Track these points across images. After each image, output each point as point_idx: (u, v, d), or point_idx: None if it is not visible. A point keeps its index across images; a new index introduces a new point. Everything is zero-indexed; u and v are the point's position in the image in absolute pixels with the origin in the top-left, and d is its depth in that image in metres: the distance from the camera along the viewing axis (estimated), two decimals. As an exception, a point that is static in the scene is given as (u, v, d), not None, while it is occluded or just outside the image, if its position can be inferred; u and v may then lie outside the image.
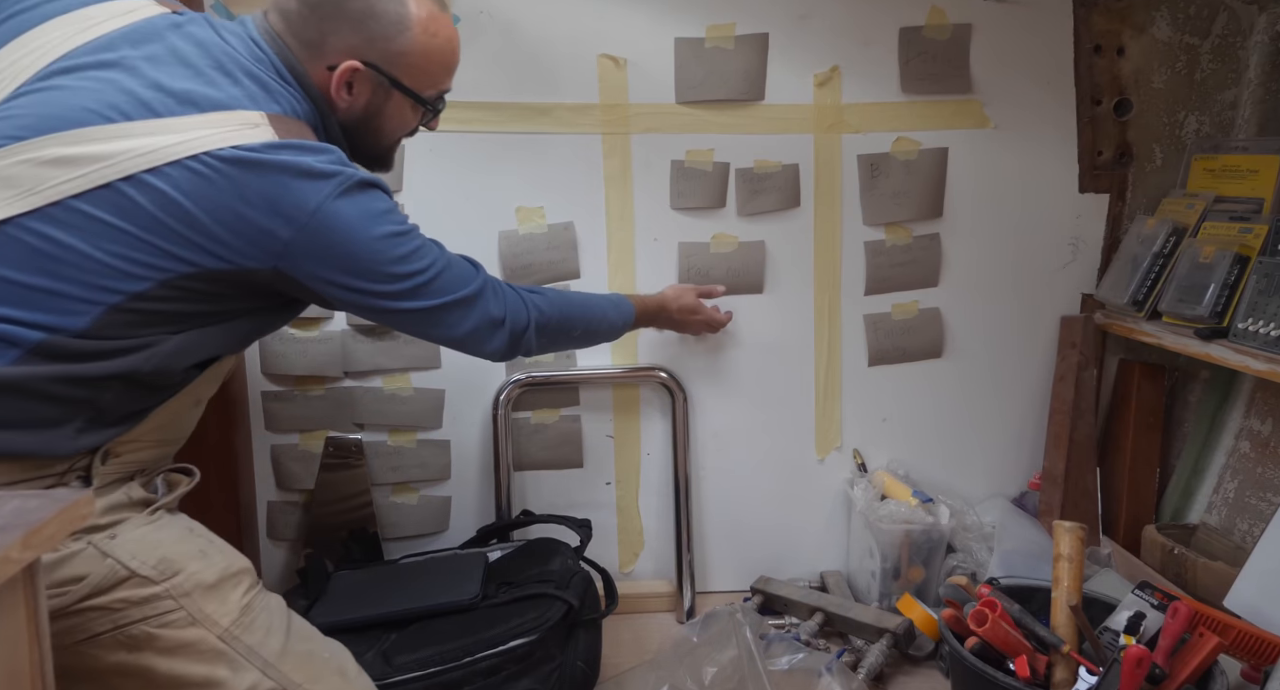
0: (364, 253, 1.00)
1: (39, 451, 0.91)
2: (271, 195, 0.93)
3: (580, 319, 1.33)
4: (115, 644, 0.94)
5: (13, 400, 0.88)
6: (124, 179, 0.90)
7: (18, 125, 0.91)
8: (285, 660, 1.02)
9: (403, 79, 1.09)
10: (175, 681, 0.96)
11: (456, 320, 1.12)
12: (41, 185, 0.89)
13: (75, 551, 0.92)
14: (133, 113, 0.92)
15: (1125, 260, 1.83)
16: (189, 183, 0.91)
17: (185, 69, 0.96)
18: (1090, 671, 1.31)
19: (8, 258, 0.89)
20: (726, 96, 1.76)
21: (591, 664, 1.49)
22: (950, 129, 1.81)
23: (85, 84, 0.93)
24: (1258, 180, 1.71)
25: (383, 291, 1.03)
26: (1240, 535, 1.75)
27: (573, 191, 1.77)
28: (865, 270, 1.85)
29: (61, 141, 0.90)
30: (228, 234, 0.93)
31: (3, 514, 0.70)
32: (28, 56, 0.96)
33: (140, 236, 0.91)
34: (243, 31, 1.04)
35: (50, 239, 0.89)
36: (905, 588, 1.74)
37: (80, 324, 0.90)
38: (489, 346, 1.17)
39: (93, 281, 0.90)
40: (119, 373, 0.93)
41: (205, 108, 0.94)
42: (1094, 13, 1.81)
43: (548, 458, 1.85)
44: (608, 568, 1.63)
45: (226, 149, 0.92)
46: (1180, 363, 1.92)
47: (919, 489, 1.80)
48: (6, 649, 0.70)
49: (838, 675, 1.47)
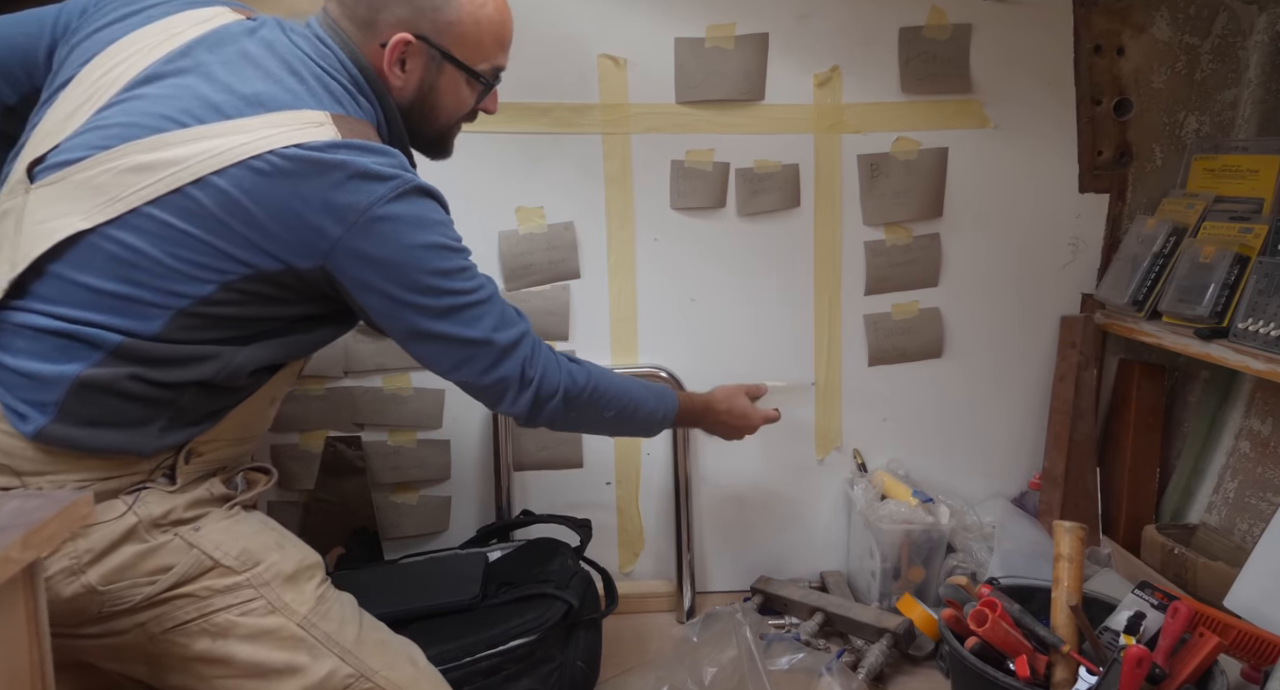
0: (407, 259, 0.98)
1: (127, 448, 0.95)
2: (327, 193, 0.94)
3: (615, 400, 1.22)
4: (200, 632, 0.98)
5: (101, 398, 0.92)
6: (193, 182, 0.92)
7: (106, 135, 0.94)
8: (361, 647, 1.05)
9: (454, 51, 1.08)
10: (258, 668, 1.00)
11: (486, 364, 1.07)
12: (124, 192, 0.92)
13: (163, 542, 0.97)
14: (205, 116, 0.94)
15: (1125, 260, 1.83)
16: (250, 181, 0.92)
17: (256, 71, 0.98)
18: (1090, 671, 1.31)
19: (91, 265, 0.92)
20: (726, 96, 1.76)
21: (591, 664, 1.49)
22: (950, 129, 1.81)
23: (164, 91, 0.96)
24: (1258, 180, 1.71)
25: (418, 304, 1.01)
26: (1240, 535, 1.75)
27: (573, 191, 1.77)
28: (865, 270, 1.85)
29: (140, 148, 0.93)
30: (282, 230, 0.94)
31: (3, 514, 0.70)
32: (116, 68, 0.99)
33: (203, 239, 0.93)
34: (308, 32, 1.06)
35: (128, 246, 0.92)
36: (905, 588, 1.74)
37: (153, 328, 0.93)
38: (510, 403, 1.11)
39: (163, 286, 0.93)
40: (191, 379, 0.97)
41: (272, 107, 0.96)
42: (1094, 13, 1.81)
43: (548, 458, 1.85)
44: (608, 568, 1.63)
45: (289, 147, 0.93)
46: (1180, 363, 1.92)
47: (919, 489, 1.80)
48: (6, 649, 0.70)
49: (838, 675, 1.47)
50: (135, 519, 0.95)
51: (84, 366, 0.91)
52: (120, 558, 0.94)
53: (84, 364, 0.92)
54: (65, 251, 0.92)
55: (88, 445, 0.93)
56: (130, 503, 0.96)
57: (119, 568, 0.94)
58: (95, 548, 0.93)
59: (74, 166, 0.94)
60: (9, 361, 0.92)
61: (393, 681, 1.06)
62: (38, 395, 0.91)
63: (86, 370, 0.91)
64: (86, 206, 0.93)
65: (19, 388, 0.92)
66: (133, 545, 0.95)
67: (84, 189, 0.93)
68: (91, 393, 0.92)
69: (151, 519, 0.96)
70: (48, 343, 0.92)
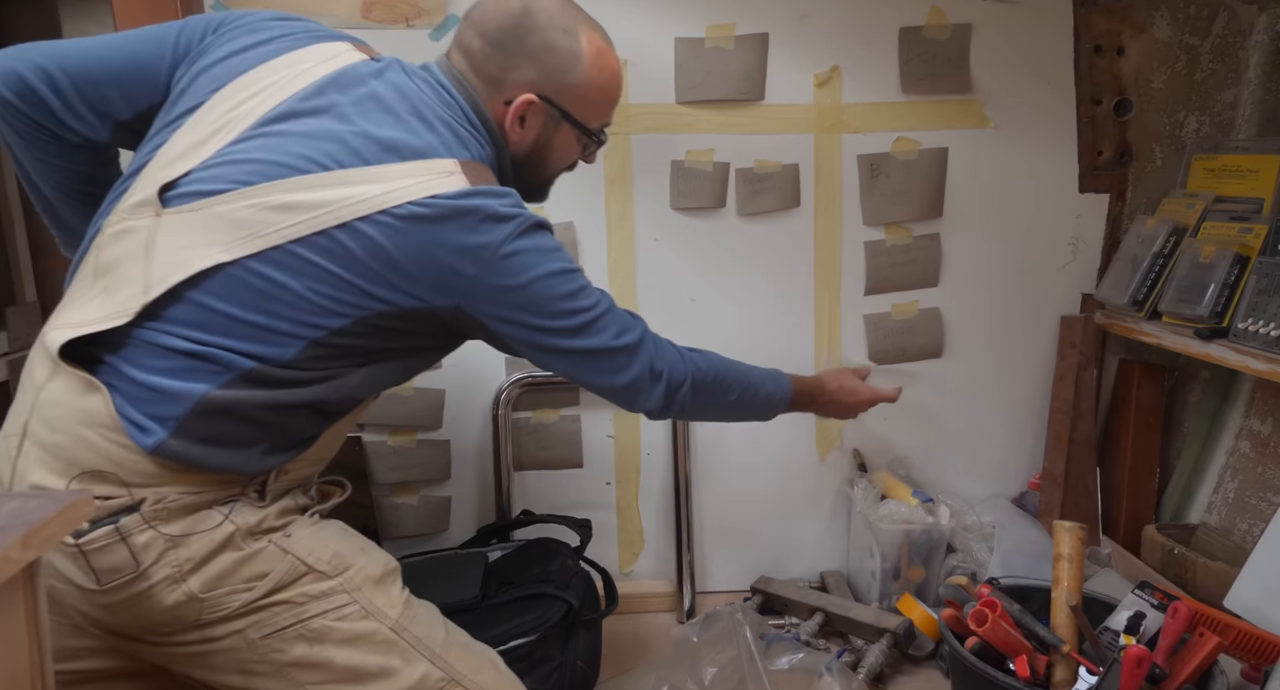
0: (537, 288, 1.04)
1: (233, 468, 0.99)
2: (462, 237, 0.99)
3: (736, 384, 1.28)
4: (297, 637, 1.00)
5: (220, 419, 0.96)
6: (338, 226, 0.96)
7: (247, 171, 0.98)
8: (449, 651, 1.08)
9: (572, 111, 1.15)
10: (354, 672, 1.02)
11: (620, 366, 1.13)
12: (267, 229, 0.96)
13: (259, 550, 1.00)
14: (345, 161, 0.99)
15: (1125, 260, 1.83)
16: (393, 229, 0.97)
17: (388, 116, 1.03)
18: (1090, 671, 1.31)
19: (232, 296, 0.96)
20: (726, 96, 1.76)
21: (591, 664, 1.49)
22: (950, 129, 1.81)
23: (303, 129, 1.00)
24: (1258, 180, 1.70)
25: (552, 327, 1.06)
26: (1240, 535, 1.75)
27: (573, 191, 1.76)
28: (865, 270, 1.85)
29: (284, 188, 0.97)
30: (422, 273, 0.99)
31: (3, 514, 0.70)
32: (249, 101, 1.02)
33: (346, 278, 0.97)
34: (430, 77, 1.10)
35: (269, 279, 0.96)
36: (905, 588, 1.74)
37: (286, 355, 0.97)
38: (646, 399, 1.17)
39: (301, 318, 0.97)
40: (309, 401, 1.01)
41: (407, 156, 1.00)
42: (1094, 13, 1.81)
43: (548, 458, 1.85)
44: (608, 568, 1.63)
45: (427, 198, 0.98)
46: (1180, 363, 1.92)
47: (919, 489, 1.81)
48: (6, 649, 0.70)
49: (838, 675, 1.47)
50: (232, 527, 0.98)
51: (211, 387, 0.95)
52: (219, 565, 0.97)
53: (211, 384, 0.95)
54: (203, 280, 0.96)
55: (199, 462, 0.96)
56: (226, 512, 0.99)
57: (218, 575, 0.97)
58: (195, 556, 0.96)
59: (214, 198, 0.97)
60: (138, 376, 0.95)
61: (480, 685, 1.08)
62: (161, 410, 0.94)
63: (213, 391, 0.95)
64: (227, 239, 0.96)
65: (144, 402, 0.94)
66: (230, 553, 0.98)
67: (225, 221, 0.96)
68: (213, 412, 0.95)
69: (247, 527, 0.99)
70: (179, 362, 0.95)
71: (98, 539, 0.92)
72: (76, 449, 0.93)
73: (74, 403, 0.94)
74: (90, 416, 0.94)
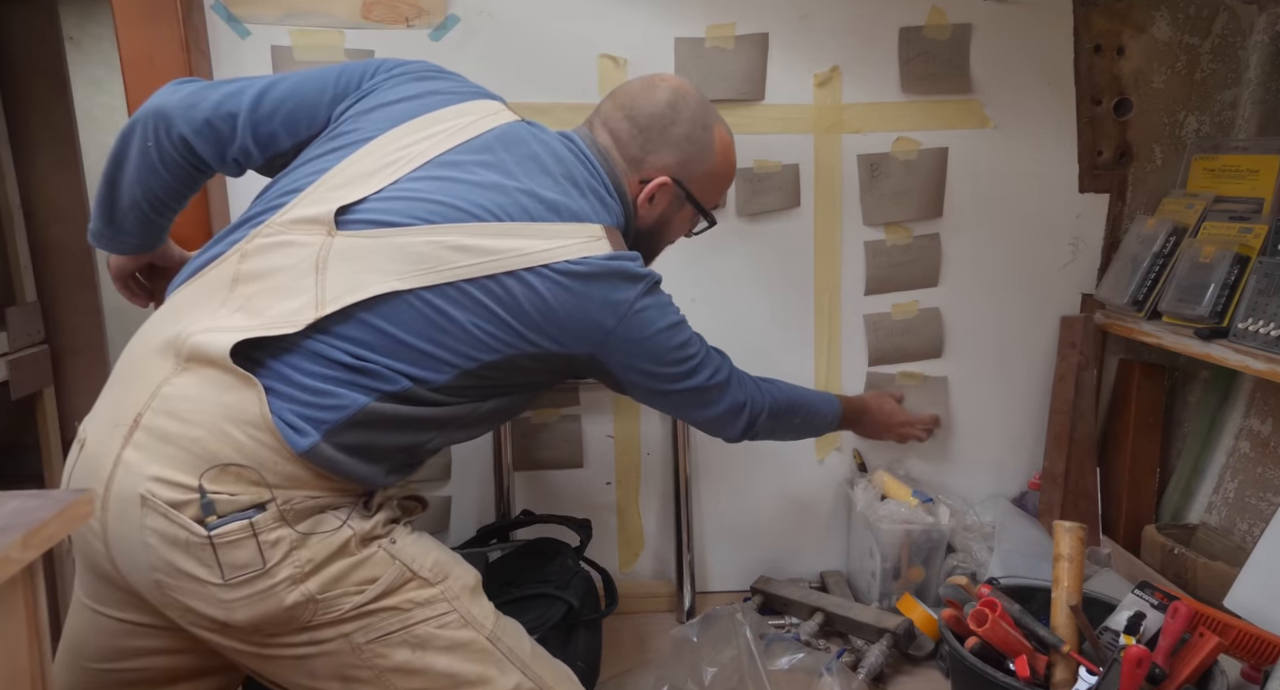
0: (660, 340, 1.17)
1: (364, 480, 1.05)
2: (605, 293, 1.11)
3: (801, 410, 1.45)
4: (401, 642, 1.04)
5: (367, 431, 1.02)
6: (507, 273, 1.06)
7: (428, 209, 1.07)
8: (536, 663, 1.13)
9: (697, 195, 1.30)
10: (453, 679, 1.05)
11: (714, 400, 1.28)
12: (443, 266, 1.05)
13: (370, 555, 1.04)
14: (515, 215, 1.09)
15: (1125, 260, 1.83)
16: (553, 282, 1.08)
17: (547, 177, 1.14)
18: (1090, 671, 1.31)
19: (403, 321, 1.04)
20: (726, 96, 1.76)
21: (591, 664, 1.49)
22: (950, 129, 1.81)
23: (477, 179, 1.10)
24: (1258, 180, 1.71)
25: (669, 374, 1.21)
26: (1240, 535, 1.75)
27: (573, 191, 1.76)
28: (865, 270, 1.85)
29: (464, 231, 1.06)
30: (570, 322, 1.10)
31: (3, 514, 0.70)
32: (421, 143, 1.11)
33: (506, 320, 1.07)
34: (575, 147, 1.21)
35: (440, 311, 1.04)
36: (905, 588, 1.74)
37: (440, 380, 1.06)
38: (732, 427, 1.34)
39: (460, 349, 1.06)
40: (444, 420, 1.09)
41: (565, 217, 1.12)
42: (1094, 13, 1.81)
43: (548, 458, 1.86)
44: (608, 568, 1.63)
45: (581, 259, 1.09)
46: (1180, 363, 1.92)
47: (919, 489, 1.80)
48: (6, 649, 0.70)
49: (838, 675, 1.47)
50: (350, 532, 1.01)
51: (370, 398, 1.01)
52: (336, 569, 1.00)
53: (370, 396, 1.01)
54: (377, 304, 1.03)
55: (340, 470, 1.01)
56: (343, 517, 1.02)
57: (335, 578, 1.00)
58: (316, 558, 0.99)
59: (395, 229, 1.05)
60: (300, 378, 1.00)
61: None
62: (320, 414, 0.99)
63: (372, 402, 1.01)
64: (404, 269, 1.04)
65: (304, 404, 0.99)
66: (346, 558, 1.01)
67: (404, 253, 1.04)
68: (366, 423, 1.01)
69: (362, 533, 1.02)
70: (340, 373, 1.01)
71: (230, 533, 0.94)
72: (216, 443, 0.96)
73: (218, 398, 0.97)
74: (238, 413, 0.96)
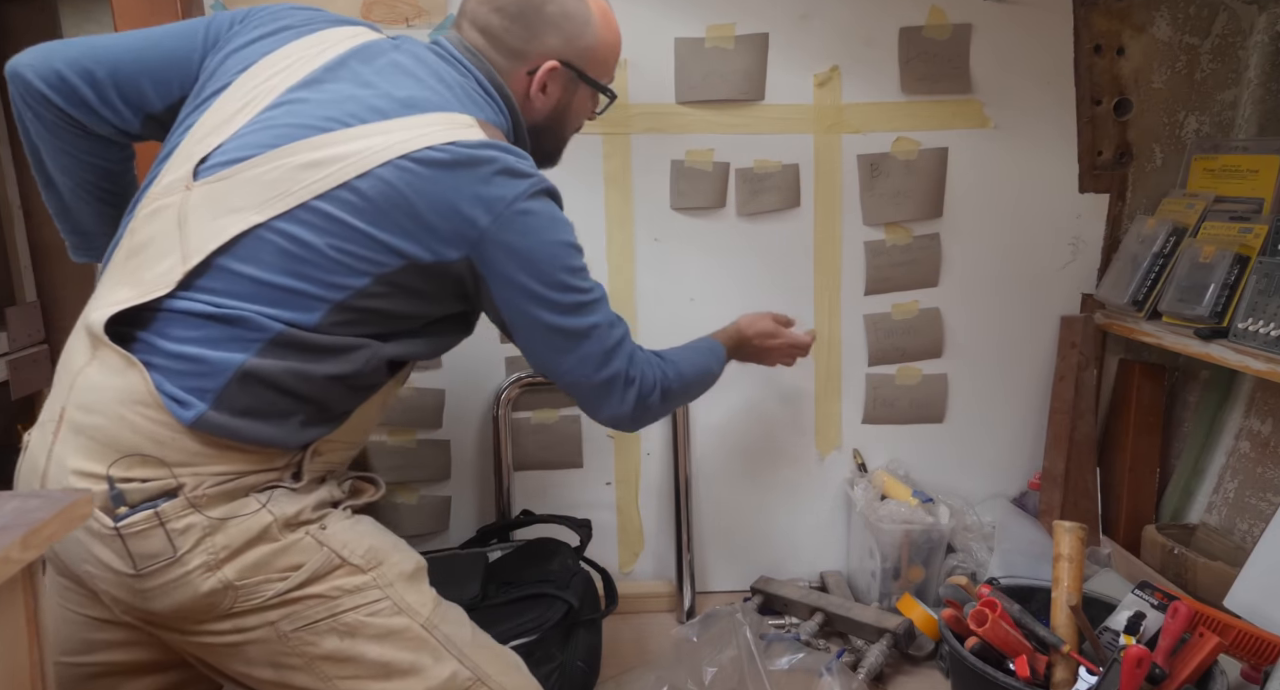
0: (544, 253, 1.05)
1: (274, 441, 0.99)
2: (477, 187, 1.01)
3: (695, 379, 1.32)
4: (330, 630, 1.00)
5: (258, 389, 0.96)
6: (360, 176, 0.98)
7: (274, 135, 1.00)
8: (477, 652, 1.08)
9: (589, 71, 1.20)
10: (385, 668, 1.02)
11: (597, 362, 1.12)
12: (294, 187, 0.98)
13: (295, 541, 0.99)
14: (366, 117, 1.01)
15: (1125, 260, 1.83)
16: (412, 173, 0.99)
17: (408, 78, 1.06)
18: (1090, 671, 1.31)
19: (259, 258, 0.97)
20: (726, 96, 1.76)
21: (591, 664, 1.49)
22: (950, 129, 1.81)
23: (326, 96, 1.03)
24: (1258, 180, 1.70)
25: (549, 300, 1.07)
26: (1240, 535, 1.75)
27: (572, 191, 1.74)
28: (865, 270, 1.85)
29: (309, 146, 0.99)
30: (437, 220, 1.00)
31: (3, 514, 0.70)
32: (275, 77, 1.05)
33: (363, 230, 0.98)
34: (443, 51, 1.13)
35: (295, 239, 0.97)
36: (905, 588, 1.74)
37: (313, 320, 0.98)
38: (616, 402, 1.16)
39: (324, 278, 0.98)
40: (344, 372, 1.01)
41: (426, 109, 1.03)
42: (1094, 13, 1.81)
43: (548, 458, 1.85)
44: (608, 568, 1.64)
45: (446, 144, 1.00)
46: (1180, 363, 1.92)
47: (919, 489, 1.80)
48: (6, 649, 0.70)
49: (838, 675, 1.47)
50: (270, 518, 0.98)
51: (248, 355, 0.95)
52: (255, 555, 0.97)
53: (248, 353, 0.95)
54: (234, 245, 0.97)
55: (241, 435, 0.96)
56: (264, 501, 0.98)
57: (253, 564, 0.97)
58: (232, 544, 0.96)
59: (243, 163, 0.99)
60: (172, 348, 0.95)
61: (505, 687, 1.08)
62: (200, 382, 0.94)
63: (251, 359, 0.95)
64: (259, 200, 0.97)
65: (181, 375, 0.95)
66: (267, 544, 0.98)
67: (255, 185, 0.98)
68: (251, 382, 0.95)
69: (285, 518, 0.99)
70: (212, 330, 0.95)
71: (136, 523, 0.92)
72: (117, 430, 0.93)
73: (113, 383, 0.94)
74: (129, 395, 0.94)
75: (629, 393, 1.16)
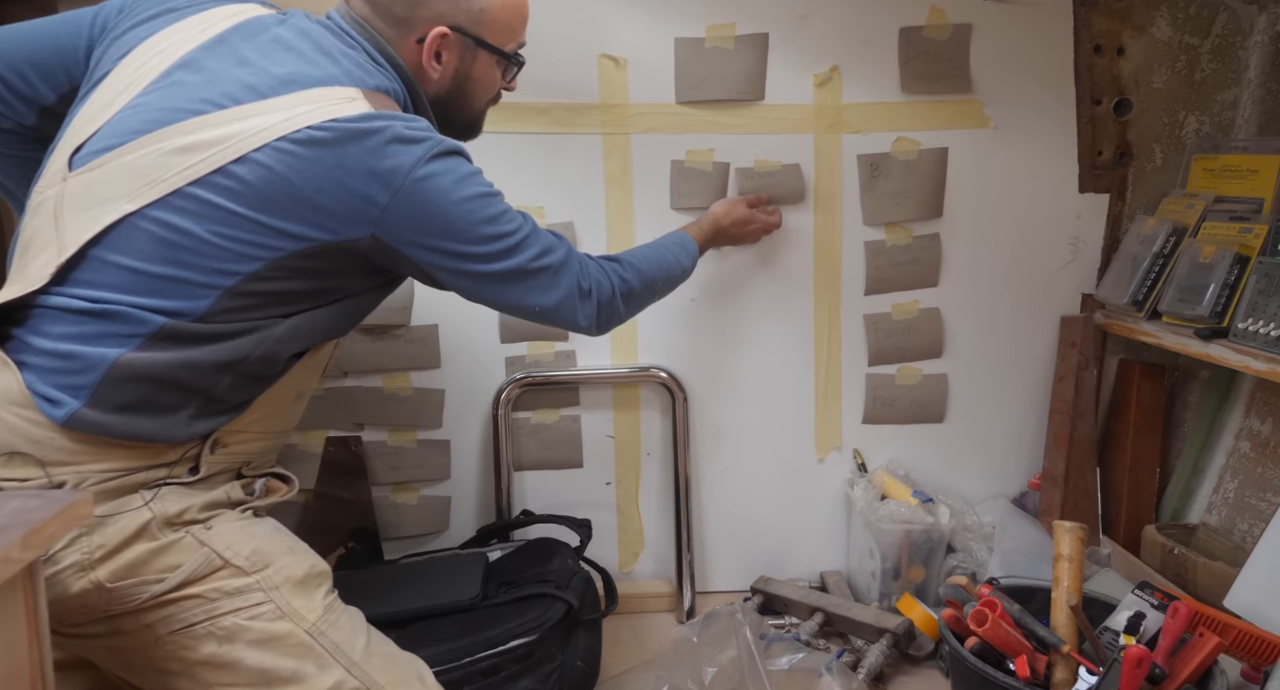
0: (456, 212, 1.02)
1: (157, 436, 0.96)
2: (368, 161, 0.96)
3: (661, 277, 1.34)
4: (207, 635, 0.97)
5: (135, 383, 0.93)
6: (235, 161, 0.94)
7: (146, 120, 0.96)
8: (369, 661, 1.03)
9: (486, 37, 1.14)
10: (264, 675, 0.98)
11: (547, 285, 1.12)
12: (166, 174, 0.94)
13: (175, 540, 0.97)
14: (242, 97, 0.97)
15: (1125, 260, 1.83)
16: (293, 155, 0.94)
17: (289, 53, 1.02)
18: (1090, 671, 1.31)
19: (134, 248, 0.93)
20: (726, 96, 1.76)
21: (591, 664, 1.49)
22: (950, 129, 1.81)
23: (201, 77, 0.99)
24: (1258, 180, 1.70)
25: (475, 253, 1.05)
26: (1240, 535, 1.75)
27: (573, 191, 1.77)
28: (865, 270, 1.85)
29: (182, 131, 0.95)
30: (331, 203, 0.96)
31: (3, 514, 0.70)
32: (152, 59, 1.02)
33: (250, 217, 0.94)
34: (332, 23, 1.10)
35: (172, 227, 0.93)
36: (905, 588, 1.74)
37: (200, 308, 0.94)
38: (580, 317, 1.17)
39: (210, 266, 0.94)
40: (231, 358, 0.98)
41: (307, 85, 0.99)
42: (1094, 13, 1.81)
43: (548, 458, 1.85)
44: (608, 568, 1.64)
45: (326, 121, 0.95)
46: (1180, 363, 1.92)
47: (919, 489, 1.80)
48: (6, 649, 0.70)
49: (838, 675, 1.47)
50: (150, 515, 0.95)
51: (123, 350, 0.92)
52: (131, 554, 0.94)
53: (124, 348, 0.92)
54: (107, 236, 0.93)
55: (118, 432, 0.93)
56: (148, 498, 0.96)
57: (129, 564, 0.94)
58: (108, 544, 0.93)
59: (115, 151, 0.96)
60: (44, 345, 0.93)
61: None
62: (72, 379, 0.92)
63: (126, 354, 0.92)
64: (130, 188, 0.94)
65: (54, 373, 0.92)
66: (144, 542, 0.95)
67: (127, 172, 0.95)
68: (127, 377, 0.92)
69: (166, 517, 0.96)
70: (87, 326, 0.93)
71: None
72: None
73: None
74: (5, 394, 0.92)
75: (587, 305, 1.17)
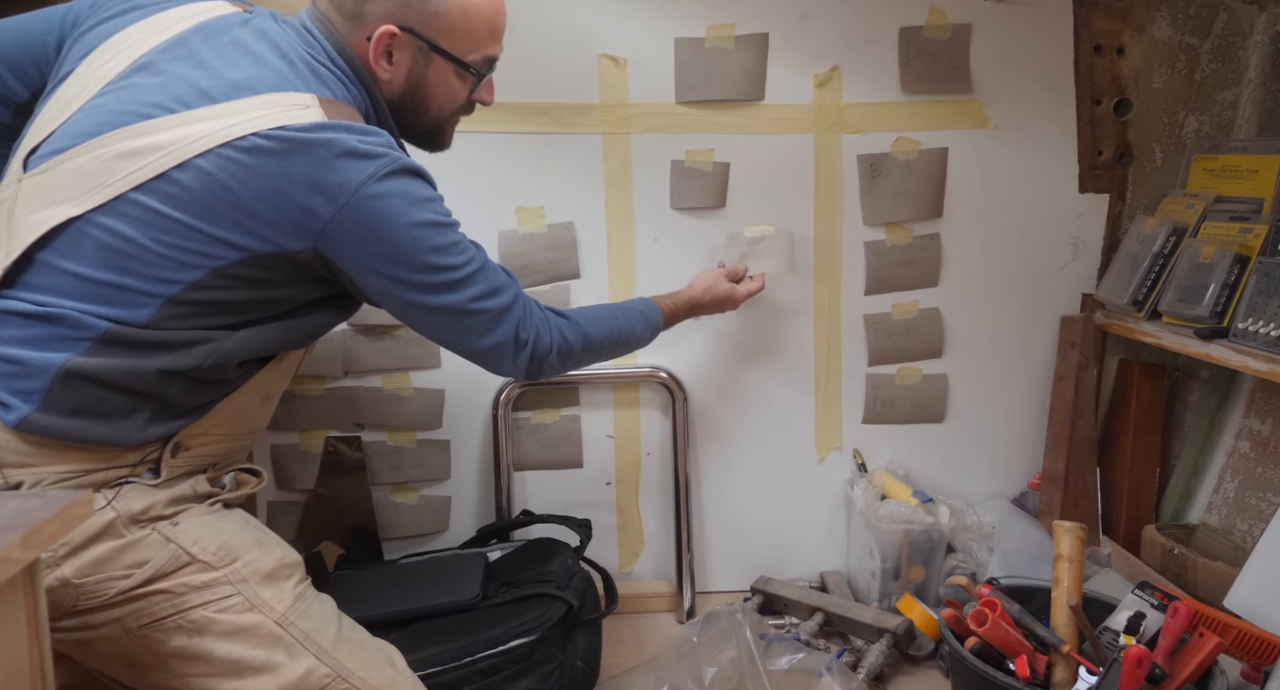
0: (402, 238, 0.99)
1: (111, 440, 0.95)
2: (315, 174, 0.94)
3: (607, 343, 1.29)
4: (177, 628, 0.98)
5: (86, 387, 0.93)
6: (177, 167, 0.92)
7: (97, 122, 0.95)
8: (339, 648, 1.05)
9: (442, 42, 1.08)
10: (235, 666, 0.99)
11: (484, 329, 1.09)
12: (112, 178, 0.93)
13: (141, 537, 0.97)
14: (193, 102, 0.95)
15: (1125, 260, 1.83)
16: (236, 163, 0.92)
17: (246, 57, 0.99)
18: (1090, 671, 1.31)
19: (79, 253, 0.92)
20: (726, 96, 1.75)
21: (591, 664, 1.49)
22: (950, 129, 1.81)
23: (156, 80, 0.97)
24: (1258, 180, 1.70)
25: (415, 281, 1.02)
26: (1240, 535, 1.75)
27: (573, 191, 1.77)
28: (865, 270, 1.85)
29: (129, 134, 0.93)
30: (271, 213, 0.94)
31: (3, 514, 0.70)
32: (112, 59, 1.00)
33: (189, 224, 0.93)
34: (297, 22, 1.07)
35: (116, 233, 0.92)
36: (905, 588, 1.74)
37: (143, 316, 0.93)
38: (508, 365, 1.14)
39: (152, 273, 0.93)
40: (181, 367, 0.97)
41: (260, 91, 0.96)
42: (1094, 13, 1.81)
43: (548, 458, 1.85)
44: (608, 568, 1.64)
45: (274, 129, 0.93)
46: (1180, 363, 1.92)
47: (919, 489, 1.80)
48: (6, 649, 0.70)
49: (838, 675, 1.47)
50: (114, 514, 0.95)
51: (71, 354, 0.92)
52: (96, 552, 0.94)
53: (71, 352, 0.92)
54: (53, 240, 0.93)
55: (71, 435, 0.93)
56: (110, 497, 0.96)
57: (95, 561, 0.94)
58: (72, 541, 0.93)
59: (66, 153, 0.95)
60: None
61: (369, 683, 1.05)
62: (22, 383, 0.92)
63: (74, 359, 0.92)
64: (78, 192, 0.93)
65: (4, 377, 0.92)
66: (110, 540, 0.95)
67: (75, 175, 0.94)
68: (77, 381, 0.92)
69: (130, 514, 0.96)
70: (35, 330, 0.92)
71: None
72: None
73: None
74: None
75: (520, 356, 1.13)
